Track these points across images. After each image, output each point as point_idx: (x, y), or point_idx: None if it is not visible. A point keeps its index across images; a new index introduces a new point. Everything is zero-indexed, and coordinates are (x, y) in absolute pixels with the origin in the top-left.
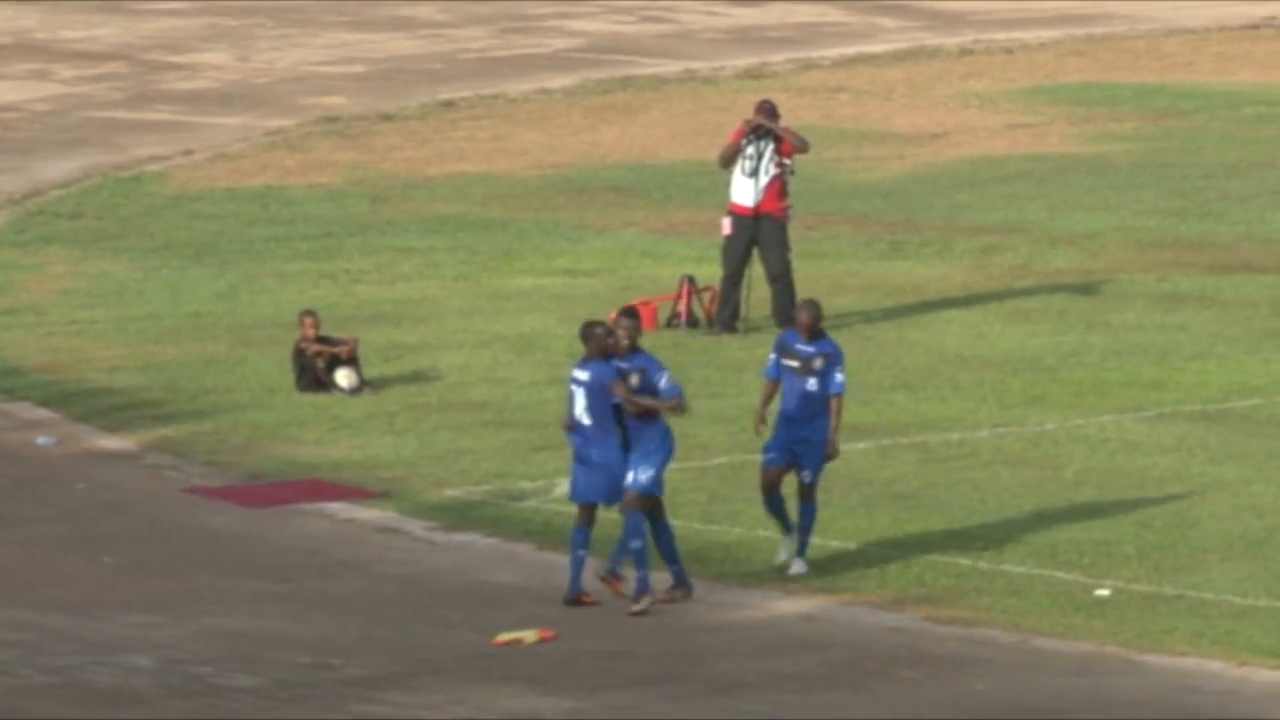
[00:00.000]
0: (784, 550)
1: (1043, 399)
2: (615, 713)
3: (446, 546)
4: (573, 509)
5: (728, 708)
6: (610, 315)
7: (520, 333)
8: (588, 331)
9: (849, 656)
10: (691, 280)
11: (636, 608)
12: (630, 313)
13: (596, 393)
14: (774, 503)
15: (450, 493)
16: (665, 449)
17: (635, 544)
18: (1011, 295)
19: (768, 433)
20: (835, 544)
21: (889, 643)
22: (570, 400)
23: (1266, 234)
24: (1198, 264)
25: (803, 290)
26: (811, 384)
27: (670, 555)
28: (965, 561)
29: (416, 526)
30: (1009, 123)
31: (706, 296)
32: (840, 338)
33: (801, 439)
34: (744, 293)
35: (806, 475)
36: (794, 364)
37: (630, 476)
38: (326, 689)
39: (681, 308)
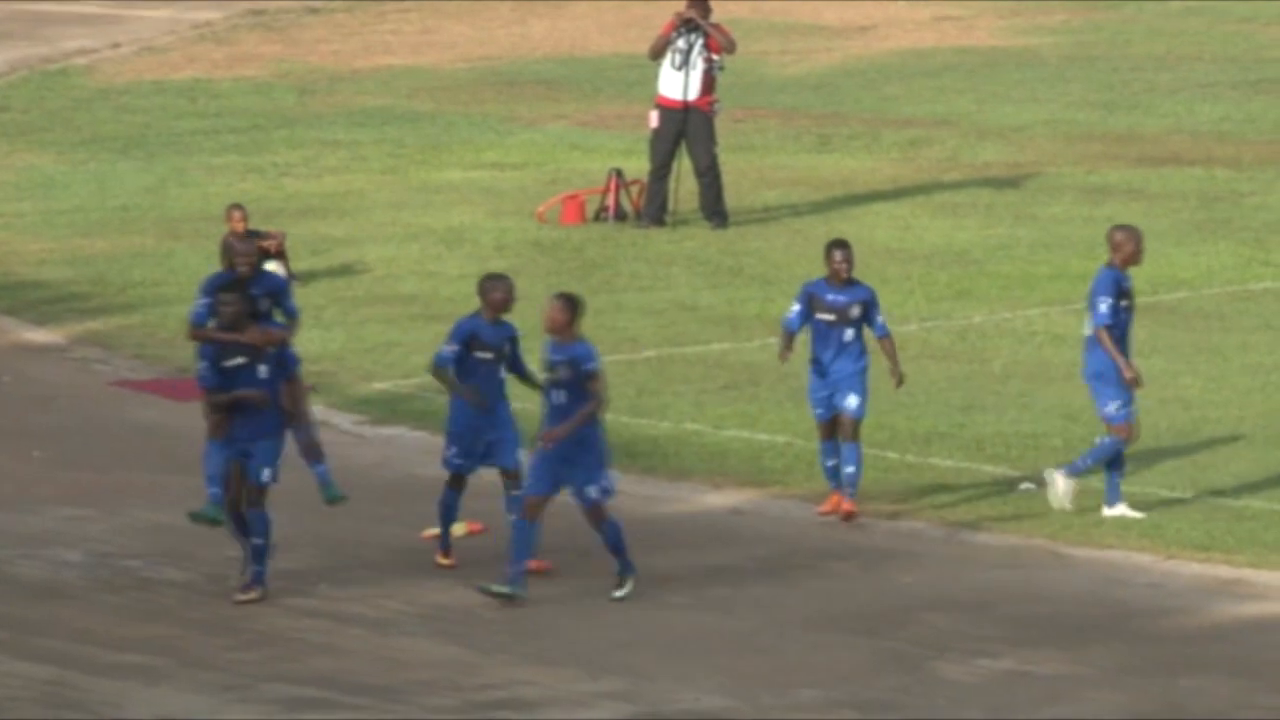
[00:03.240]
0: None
1: (970, 292)
2: (544, 605)
3: (375, 440)
4: None
5: (657, 601)
6: (538, 209)
7: (448, 226)
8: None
9: (778, 550)
10: (619, 174)
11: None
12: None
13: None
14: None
15: (379, 386)
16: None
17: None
18: (939, 188)
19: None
20: (763, 437)
21: (818, 536)
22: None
23: (1194, 126)
24: (1125, 157)
25: (730, 183)
26: None
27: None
28: (893, 455)
29: (344, 420)
30: (937, 15)
31: (635, 190)
32: (768, 231)
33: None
34: (672, 186)
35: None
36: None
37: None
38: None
39: (609, 201)
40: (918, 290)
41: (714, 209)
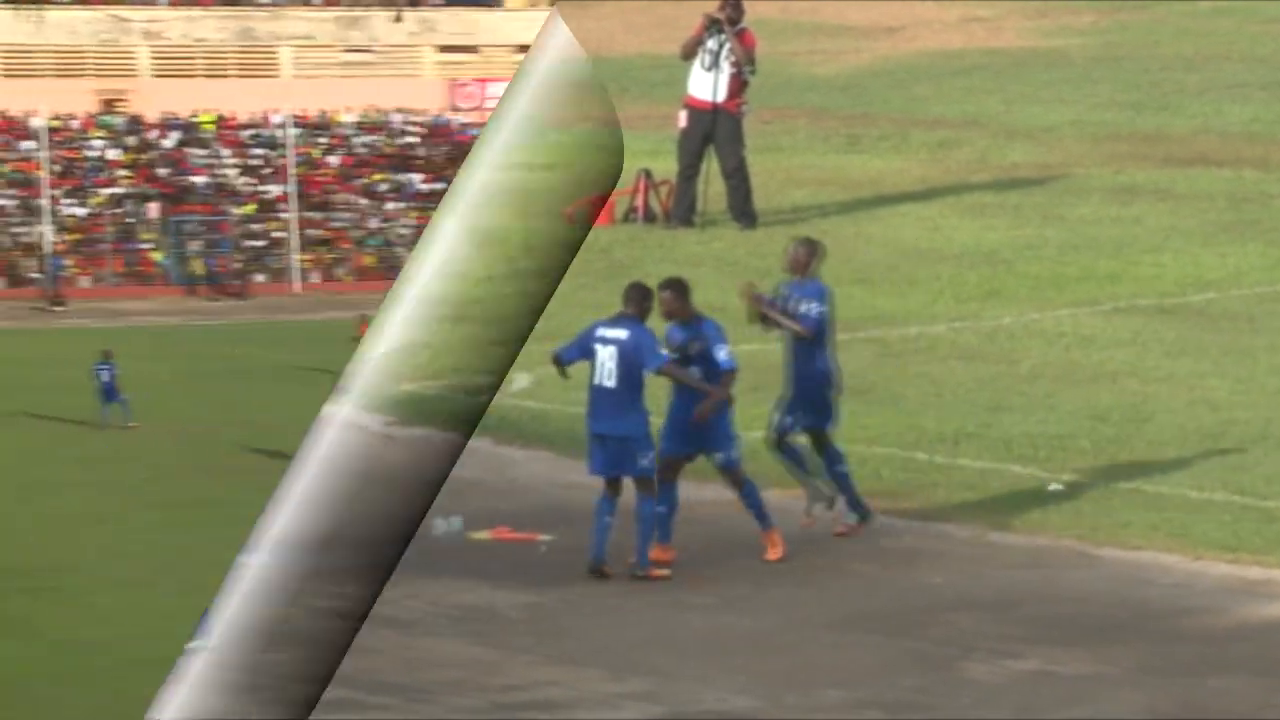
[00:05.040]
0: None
1: (999, 293)
2: (570, 606)
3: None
4: (528, 404)
5: (681, 602)
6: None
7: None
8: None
9: (803, 550)
10: (648, 174)
11: None
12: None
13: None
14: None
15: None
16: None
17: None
18: (968, 189)
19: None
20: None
21: (844, 537)
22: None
23: (1223, 127)
24: (1154, 157)
25: (758, 183)
26: None
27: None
28: (921, 455)
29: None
30: (965, 16)
31: (664, 191)
32: (797, 232)
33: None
34: (700, 187)
35: None
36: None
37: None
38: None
39: (638, 202)
40: (946, 291)
41: (742, 210)
